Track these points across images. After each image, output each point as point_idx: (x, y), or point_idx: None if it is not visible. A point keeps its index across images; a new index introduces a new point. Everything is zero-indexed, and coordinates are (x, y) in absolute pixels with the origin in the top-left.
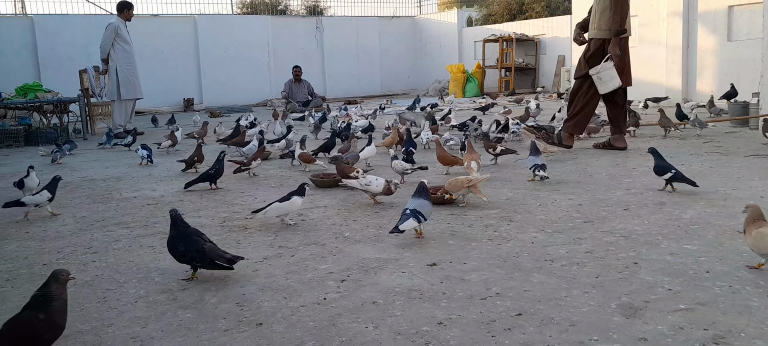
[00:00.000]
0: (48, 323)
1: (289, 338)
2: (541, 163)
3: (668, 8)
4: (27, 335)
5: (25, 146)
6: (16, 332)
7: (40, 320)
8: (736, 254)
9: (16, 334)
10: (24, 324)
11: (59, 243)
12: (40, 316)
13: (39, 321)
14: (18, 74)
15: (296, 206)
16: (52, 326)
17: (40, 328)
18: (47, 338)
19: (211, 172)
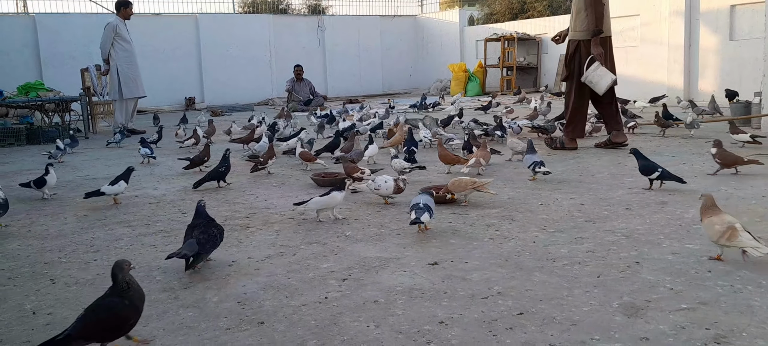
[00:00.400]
0: (132, 307)
1: (290, 337)
2: (540, 161)
3: (670, 7)
4: (117, 321)
5: (27, 145)
6: (107, 318)
7: (126, 306)
8: (737, 253)
9: (107, 320)
10: (113, 310)
11: (61, 242)
12: (126, 302)
13: (125, 307)
14: (20, 73)
15: (336, 201)
16: (136, 311)
17: (128, 313)
18: (132, 323)
19: (222, 170)
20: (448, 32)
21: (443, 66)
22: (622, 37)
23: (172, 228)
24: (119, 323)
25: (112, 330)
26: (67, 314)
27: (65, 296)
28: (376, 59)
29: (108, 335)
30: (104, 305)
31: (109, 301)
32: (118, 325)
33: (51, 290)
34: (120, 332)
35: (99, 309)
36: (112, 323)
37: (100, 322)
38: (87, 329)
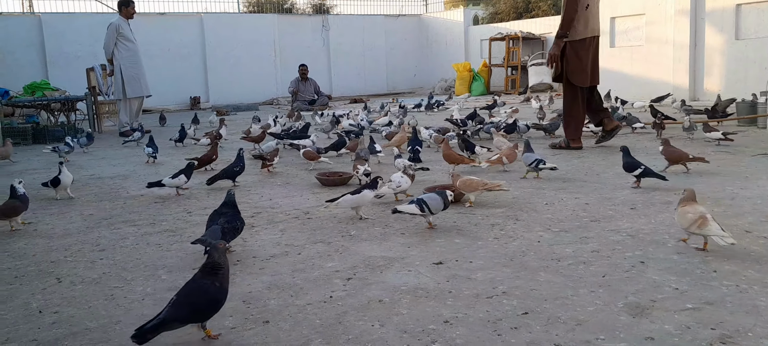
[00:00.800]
0: (222, 289)
1: (295, 336)
2: (541, 158)
3: (675, 7)
4: (210, 301)
5: (33, 144)
6: (200, 300)
7: (218, 288)
8: (743, 253)
9: (200, 302)
10: (207, 292)
11: (67, 241)
12: (217, 284)
13: (216, 289)
14: (26, 72)
15: (367, 199)
16: (225, 293)
17: (219, 295)
18: (222, 304)
19: (237, 169)
20: (452, 32)
21: (448, 65)
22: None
23: (178, 227)
24: (212, 304)
25: (204, 312)
26: (74, 313)
27: (71, 295)
28: (380, 59)
29: (201, 316)
30: (197, 288)
31: (202, 283)
32: (211, 306)
33: (57, 289)
34: (212, 314)
35: (193, 292)
36: (205, 305)
37: (193, 305)
38: (181, 312)
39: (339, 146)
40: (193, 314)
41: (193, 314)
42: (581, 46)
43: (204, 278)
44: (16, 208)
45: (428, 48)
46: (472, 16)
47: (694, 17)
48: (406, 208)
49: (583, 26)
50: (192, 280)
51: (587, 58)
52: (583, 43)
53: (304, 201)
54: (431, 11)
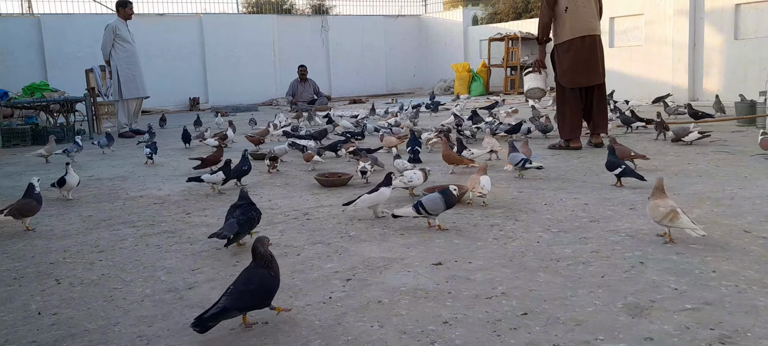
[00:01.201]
0: (276, 278)
1: (294, 337)
2: (526, 158)
3: (675, 6)
4: (266, 289)
5: (33, 145)
6: (257, 288)
7: (272, 276)
8: (742, 253)
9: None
10: (263, 281)
11: (66, 242)
12: (271, 273)
13: (271, 278)
14: (25, 73)
15: (385, 197)
16: (278, 281)
17: (274, 283)
18: (276, 290)
19: (245, 168)
20: (451, 32)
21: (447, 66)
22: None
23: (177, 228)
24: (268, 292)
25: (262, 300)
26: (73, 314)
27: (70, 296)
28: (379, 59)
29: (258, 304)
30: (256, 278)
31: (259, 273)
32: (268, 294)
33: (56, 290)
34: (268, 301)
35: (249, 281)
36: (262, 293)
37: (251, 292)
38: (240, 300)
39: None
40: (251, 301)
41: (251, 302)
42: (563, 48)
43: (259, 269)
44: (32, 207)
45: (427, 48)
46: (471, 16)
47: (693, 17)
48: (403, 211)
49: (562, 29)
50: (247, 270)
51: (572, 59)
52: (563, 46)
53: (303, 202)
54: (430, 11)
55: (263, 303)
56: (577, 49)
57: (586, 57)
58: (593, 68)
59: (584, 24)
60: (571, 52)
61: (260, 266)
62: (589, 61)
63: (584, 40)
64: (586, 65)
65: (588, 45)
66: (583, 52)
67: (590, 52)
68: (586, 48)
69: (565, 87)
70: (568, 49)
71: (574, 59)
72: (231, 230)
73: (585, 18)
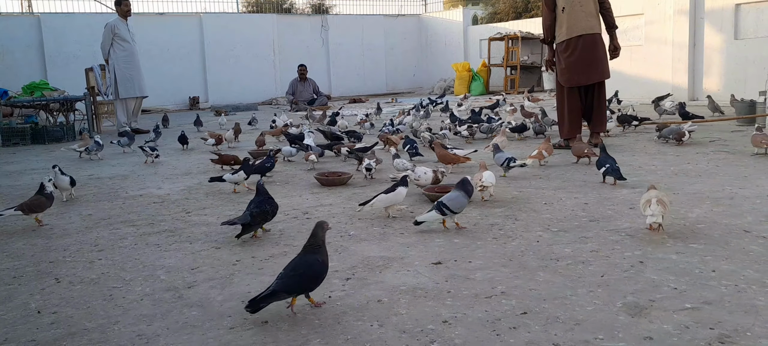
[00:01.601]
0: (324, 264)
1: (294, 336)
2: (511, 157)
3: (675, 6)
4: (315, 274)
5: (32, 145)
6: (306, 273)
7: (321, 263)
8: (742, 253)
9: (306, 275)
10: (312, 267)
11: (65, 241)
12: (320, 259)
13: (319, 264)
14: (25, 72)
15: (401, 197)
16: (327, 268)
17: (322, 269)
18: (323, 278)
19: (268, 165)
20: (451, 31)
21: (447, 65)
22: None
23: (176, 227)
24: (316, 277)
25: (311, 284)
26: (72, 313)
27: (70, 295)
28: (379, 58)
29: (307, 288)
30: (304, 262)
31: (308, 258)
32: (315, 279)
33: (56, 289)
34: (315, 286)
35: (299, 266)
36: (309, 278)
37: (300, 277)
38: (290, 284)
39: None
40: (300, 285)
41: (300, 286)
42: (561, 48)
43: (309, 255)
44: (41, 203)
45: (427, 48)
46: (471, 15)
47: (693, 17)
48: (427, 217)
49: (559, 29)
50: (298, 256)
51: (569, 59)
52: (561, 46)
53: (303, 201)
54: (430, 11)
55: (310, 288)
56: (574, 49)
57: (584, 56)
58: (591, 67)
59: (580, 23)
60: (569, 52)
61: (310, 253)
62: (587, 60)
63: (582, 39)
64: (583, 64)
65: (585, 44)
66: (580, 52)
67: (588, 52)
68: (582, 47)
69: (564, 86)
70: (565, 49)
71: (572, 59)
72: (243, 220)
73: (581, 17)
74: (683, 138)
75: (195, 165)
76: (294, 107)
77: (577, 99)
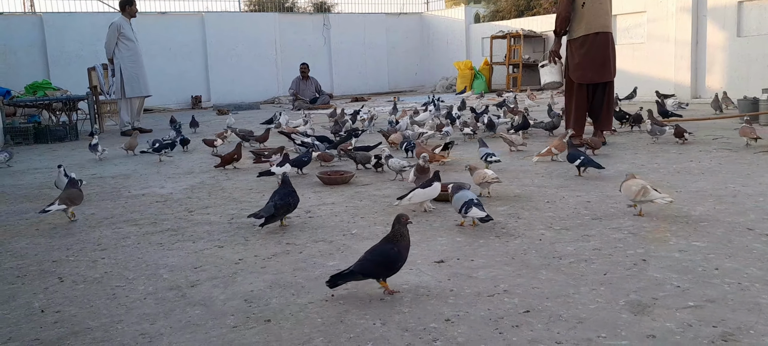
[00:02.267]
0: (400, 254)
1: (297, 335)
2: (491, 152)
3: (677, 4)
4: (388, 262)
5: (35, 144)
6: (381, 260)
7: (396, 252)
8: (745, 251)
9: (381, 261)
10: (387, 254)
11: (69, 240)
12: (396, 249)
13: (395, 253)
14: (27, 72)
15: (436, 192)
16: (402, 258)
17: (397, 258)
18: (398, 266)
19: (305, 159)
20: (453, 30)
21: (449, 64)
22: (629, 34)
23: (179, 226)
24: (389, 264)
25: (384, 270)
26: (76, 312)
27: (73, 294)
28: (381, 57)
29: (381, 273)
30: (380, 249)
31: (384, 246)
32: (390, 266)
33: (59, 288)
34: (390, 273)
35: (375, 253)
36: (383, 264)
37: (375, 262)
38: (366, 267)
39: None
40: (375, 270)
41: (375, 271)
42: (576, 43)
43: (387, 244)
44: (79, 195)
45: (429, 46)
46: (473, 14)
47: (696, 14)
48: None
49: (578, 24)
50: (378, 244)
51: (584, 55)
52: (578, 41)
53: (305, 200)
54: (432, 9)
55: (384, 274)
56: (590, 46)
57: (599, 54)
58: (605, 65)
59: (599, 20)
60: (585, 48)
61: (388, 242)
62: (601, 58)
63: (598, 36)
64: (597, 62)
65: (601, 42)
66: (596, 49)
67: (602, 49)
68: (598, 45)
69: (574, 82)
70: (581, 45)
71: (587, 55)
72: (267, 212)
73: (600, 15)
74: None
75: (197, 164)
76: (296, 105)
77: (585, 96)
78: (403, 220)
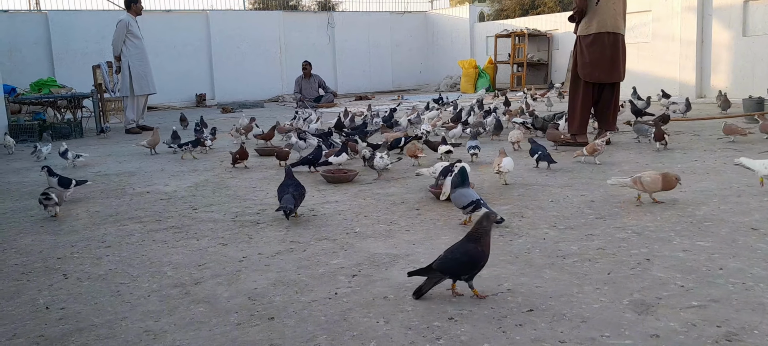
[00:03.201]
0: (483, 253)
1: (300, 333)
2: (475, 145)
3: (682, 3)
4: (469, 261)
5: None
6: (462, 258)
7: (479, 251)
8: (749, 251)
9: (462, 260)
10: (468, 253)
11: (73, 237)
12: (479, 248)
13: (477, 252)
14: (32, 70)
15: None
16: (484, 257)
17: (479, 256)
18: (482, 265)
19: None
20: (458, 28)
21: (453, 62)
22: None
23: (183, 224)
24: (471, 264)
25: (465, 269)
26: (80, 309)
27: (78, 291)
28: (385, 56)
29: (461, 272)
30: (462, 248)
31: (466, 245)
32: (470, 265)
33: (64, 285)
34: (470, 272)
35: (456, 251)
36: (465, 263)
37: (456, 261)
38: (446, 265)
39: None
40: (455, 269)
41: (455, 270)
42: (587, 41)
43: (469, 242)
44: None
45: (434, 45)
46: (477, 12)
47: (701, 13)
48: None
49: (590, 22)
50: (459, 242)
51: (595, 54)
52: (590, 39)
53: (309, 198)
54: (436, 8)
55: (466, 273)
56: (602, 45)
57: (610, 54)
58: (615, 66)
59: (611, 20)
60: (596, 47)
61: (470, 240)
62: (612, 58)
63: (609, 36)
64: (608, 62)
65: (612, 42)
66: (607, 49)
67: (614, 50)
68: (610, 45)
69: (581, 81)
70: (592, 43)
71: (598, 54)
72: (290, 203)
73: (612, 15)
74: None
75: (201, 162)
76: (301, 105)
77: (591, 96)
78: (491, 218)
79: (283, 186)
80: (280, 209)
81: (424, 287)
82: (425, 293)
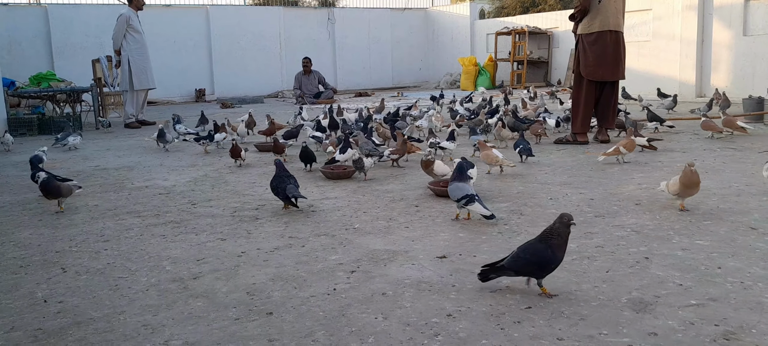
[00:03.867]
0: (553, 255)
1: (298, 328)
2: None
3: (683, 2)
4: (539, 261)
5: (39, 135)
6: (531, 259)
7: (549, 252)
8: (748, 250)
9: (531, 260)
10: (538, 253)
11: (72, 231)
12: (549, 249)
13: (547, 253)
14: (32, 63)
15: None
16: (555, 258)
17: (549, 257)
18: (552, 267)
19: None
20: (458, 26)
21: (453, 59)
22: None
23: (182, 219)
24: (541, 264)
25: (535, 270)
26: (78, 302)
27: (76, 285)
28: (386, 52)
29: (532, 272)
30: (531, 248)
31: (537, 245)
32: (540, 266)
33: (62, 279)
34: (541, 273)
35: (527, 250)
36: (534, 263)
37: (525, 260)
38: (516, 264)
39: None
40: (525, 268)
41: (525, 269)
42: (590, 40)
43: (540, 242)
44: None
45: (434, 42)
46: (478, 10)
47: (702, 13)
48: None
49: (592, 20)
50: (531, 240)
51: (597, 52)
52: (592, 37)
53: (308, 194)
54: (437, 5)
55: (536, 273)
56: (604, 43)
57: (612, 52)
58: (616, 64)
59: (613, 19)
60: (598, 45)
61: (541, 240)
62: (614, 56)
63: (611, 34)
64: (610, 60)
65: (614, 40)
66: (610, 47)
67: (616, 48)
68: (612, 43)
69: (584, 80)
70: (595, 42)
71: (600, 52)
72: (297, 193)
73: (614, 13)
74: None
75: (201, 157)
76: (300, 102)
77: (593, 94)
78: (565, 220)
79: (279, 178)
80: (292, 196)
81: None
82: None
